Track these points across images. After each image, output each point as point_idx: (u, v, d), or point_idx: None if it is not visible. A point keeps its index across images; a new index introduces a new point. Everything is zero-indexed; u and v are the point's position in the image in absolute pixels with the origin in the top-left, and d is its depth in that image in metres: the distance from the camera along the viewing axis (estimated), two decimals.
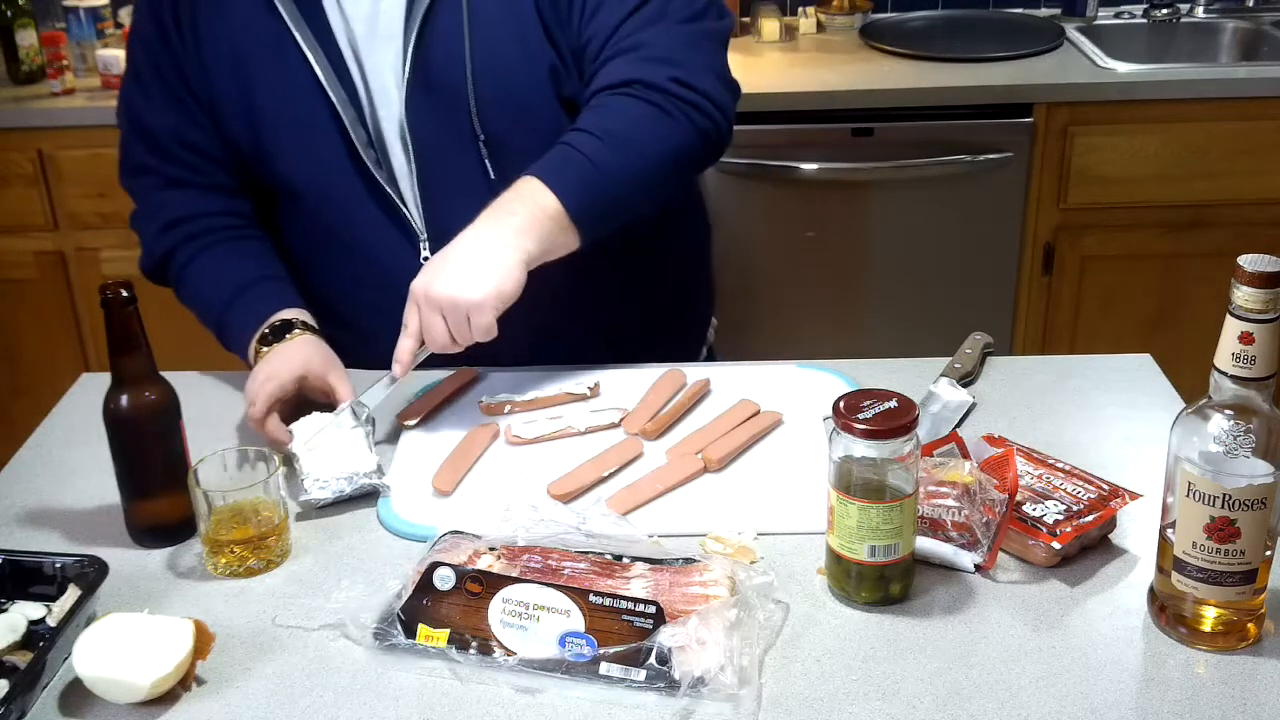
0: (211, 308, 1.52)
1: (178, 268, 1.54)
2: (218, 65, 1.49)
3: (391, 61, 1.48)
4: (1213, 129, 2.61)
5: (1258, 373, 1.01)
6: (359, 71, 1.49)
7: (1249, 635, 1.09)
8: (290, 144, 1.51)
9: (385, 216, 1.52)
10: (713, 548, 1.22)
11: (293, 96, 1.48)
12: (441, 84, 1.47)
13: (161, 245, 1.55)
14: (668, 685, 1.05)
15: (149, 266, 1.58)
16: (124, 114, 1.56)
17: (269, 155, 1.52)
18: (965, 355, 1.54)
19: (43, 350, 2.84)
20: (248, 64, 1.49)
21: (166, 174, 1.54)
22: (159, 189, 1.55)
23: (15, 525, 1.31)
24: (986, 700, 1.04)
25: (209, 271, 1.53)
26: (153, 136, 1.54)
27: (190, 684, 1.08)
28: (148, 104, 1.53)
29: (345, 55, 1.49)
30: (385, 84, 1.49)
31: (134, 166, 1.57)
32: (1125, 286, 2.74)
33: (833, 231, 2.68)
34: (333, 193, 1.53)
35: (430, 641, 1.10)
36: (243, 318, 1.49)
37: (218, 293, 1.52)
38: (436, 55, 1.46)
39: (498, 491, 1.32)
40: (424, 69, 1.46)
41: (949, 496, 1.20)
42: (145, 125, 1.54)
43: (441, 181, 1.51)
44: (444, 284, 1.32)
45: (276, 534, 1.23)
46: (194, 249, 1.53)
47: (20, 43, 2.80)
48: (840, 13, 3.05)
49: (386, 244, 1.53)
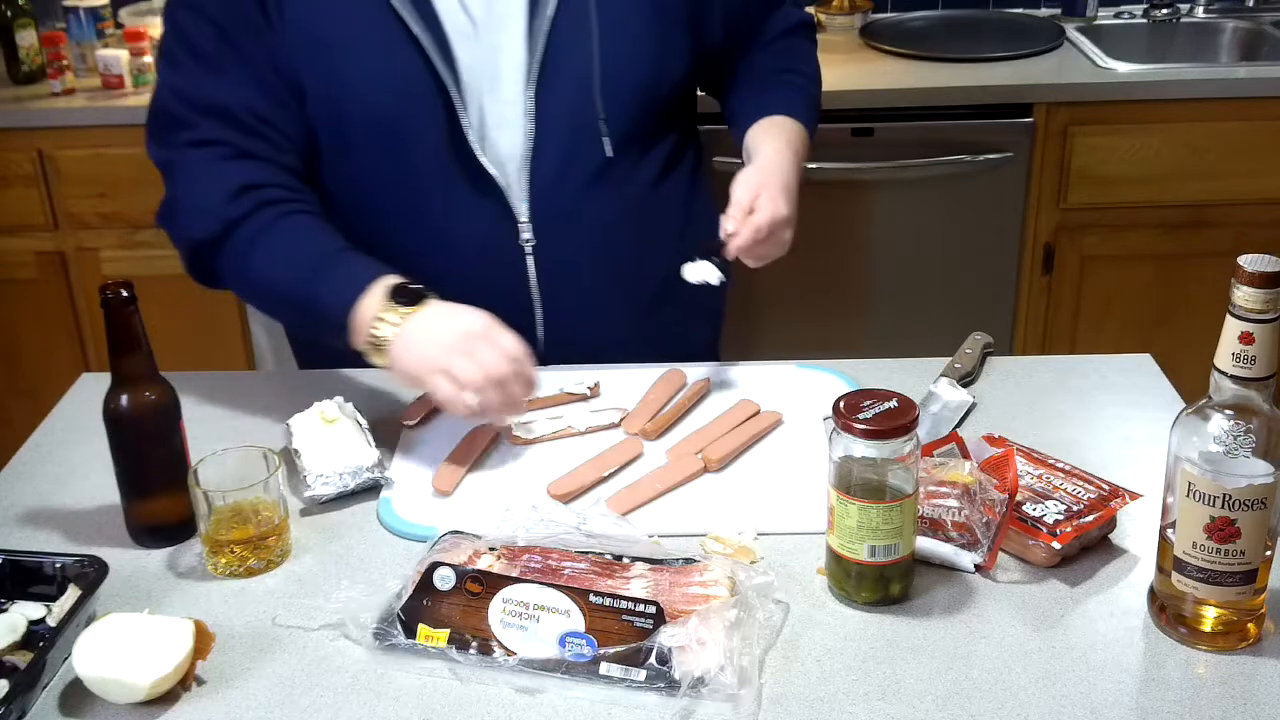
0: (299, 270, 1.41)
1: (252, 232, 1.43)
2: (305, 49, 1.45)
3: (511, 42, 1.48)
4: (1213, 129, 2.61)
5: (1258, 373, 1.01)
6: (473, 53, 1.48)
7: (1249, 635, 1.09)
8: (378, 132, 1.48)
9: (482, 201, 1.51)
10: (713, 548, 1.22)
11: (389, 81, 1.46)
12: (568, 61, 1.48)
13: (235, 209, 1.43)
14: (668, 685, 1.05)
15: (207, 233, 1.44)
16: (182, 93, 1.47)
17: (351, 146, 1.49)
18: (965, 355, 1.54)
19: (43, 350, 2.84)
20: (341, 48, 1.45)
21: (239, 145, 1.45)
22: (226, 159, 1.45)
23: (15, 525, 1.31)
24: (986, 700, 1.04)
25: (292, 236, 1.44)
26: (227, 112, 1.45)
27: (190, 684, 1.08)
28: (221, 81, 1.45)
29: (451, 39, 1.46)
30: (500, 66, 1.48)
31: (191, 141, 1.46)
32: (1125, 286, 2.73)
33: (833, 231, 2.68)
34: (419, 182, 1.50)
35: (430, 641, 1.10)
36: (345, 277, 1.38)
37: (307, 254, 1.42)
38: (563, 34, 1.47)
39: (498, 491, 1.32)
40: (551, 48, 1.47)
41: (949, 496, 1.20)
42: (218, 102, 1.45)
43: (555, 162, 1.51)
44: (788, 201, 1.49)
45: (276, 534, 1.23)
46: (273, 214, 1.43)
47: (20, 43, 2.80)
48: (840, 13, 3.05)
49: (482, 230, 1.52)
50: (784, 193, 1.49)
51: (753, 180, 1.48)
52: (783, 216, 1.47)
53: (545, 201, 1.52)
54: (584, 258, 1.56)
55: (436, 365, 1.30)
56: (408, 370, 1.34)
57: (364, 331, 1.35)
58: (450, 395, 1.29)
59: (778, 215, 1.46)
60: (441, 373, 1.30)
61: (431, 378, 1.31)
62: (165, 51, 1.49)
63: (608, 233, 1.56)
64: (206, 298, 2.72)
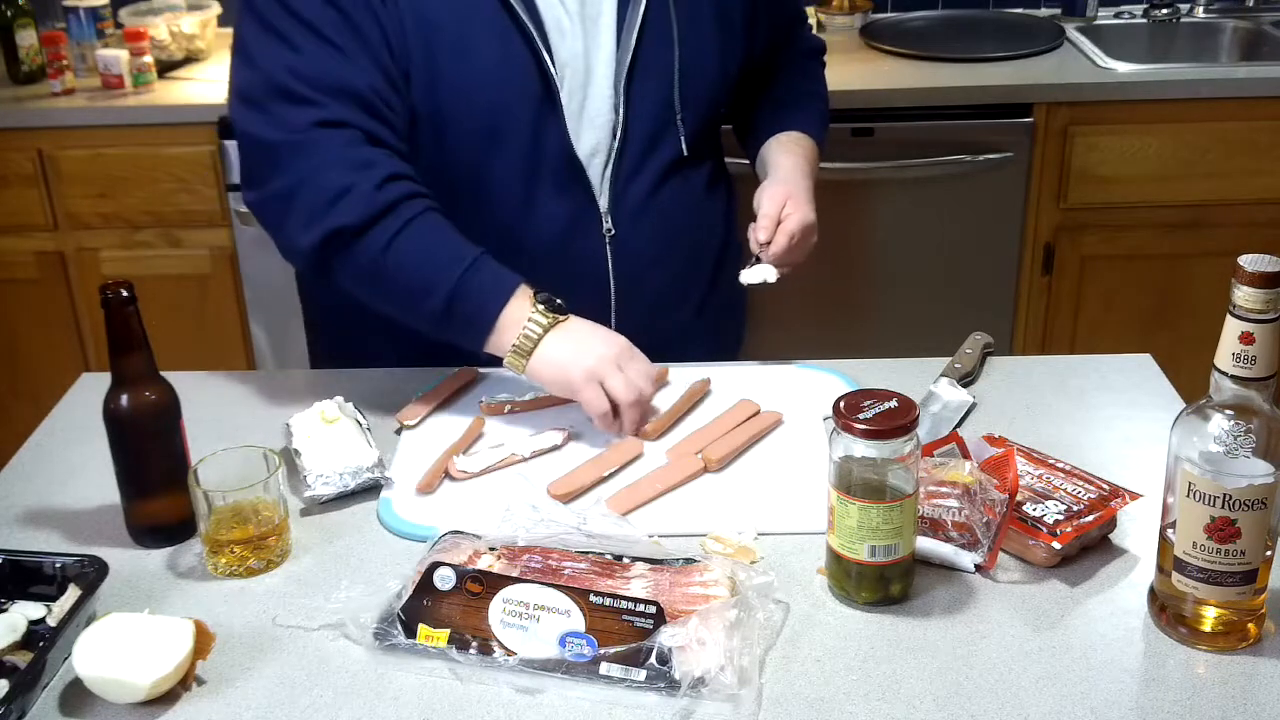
0: (445, 268, 1.41)
1: (396, 224, 1.41)
2: (417, 31, 1.45)
3: (603, 38, 1.52)
4: (1213, 129, 2.61)
5: (1258, 373, 1.01)
6: (570, 47, 1.51)
7: (1249, 635, 1.09)
8: (477, 118, 1.48)
9: (569, 191, 1.54)
10: (713, 548, 1.22)
11: (496, 68, 1.47)
12: (653, 59, 1.54)
13: (385, 197, 1.41)
14: (668, 685, 1.05)
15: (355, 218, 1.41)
16: (301, 72, 1.43)
17: (448, 131, 1.49)
18: (965, 355, 1.54)
19: (43, 350, 2.83)
20: (452, 32, 1.46)
21: (367, 129, 1.44)
22: (360, 144, 1.44)
23: (15, 525, 1.31)
24: (986, 700, 1.04)
25: (436, 233, 1.44)
26: (357, 93, 1.44)
27: (190, 684, 1.08)
28: (346, 63, 1.44)
29: (549, 31, 1.49)
30: (593, 61, 1.52)
31: (319, 121, 1.43)
32: (1125, 286, 2.73)
33: (832, 231, 2.66)
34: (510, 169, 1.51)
35: (430, 641, 1.10)
36: (493, 280, 1.41)
37: (452, 253, 1.42)
38: (651, 32, 1.53)
39: (498, 492, 1.32)
40: (640, 45, 1.52)
41: (949, 496, 1.20)
42: (347, 83, 1.43)
43: (636, 156, 1.56)
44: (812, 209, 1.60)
45: (276, 534, 1.23)
46: (414, 208, 1.43)
47: (20, 43, 2.80)
48: (840, 13, 3.05)
49: (567, 219, 1.55)
50: (809, 201, 1.61)
51: (778, 192, 1.59)
52: (810, 222, 1.59)
53: (624, 194, 1.57)
54: (656, 252, 1.61)
55: (594, 375, 1.38)
56: (561, 377, 1.39)
57: (510, 334, 1.39)
58: (601, 406, 1.38)
59: (806, 221, 1.58)
60: (597, 383, 1.38)
61: (587, 386, 1.38)
62: (270, 29, 1.45)
63: (676, 229, 1.62)
64: (206, 298, 2.75)
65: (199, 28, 2.89)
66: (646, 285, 1.61)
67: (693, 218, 1.65)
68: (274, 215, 1.45)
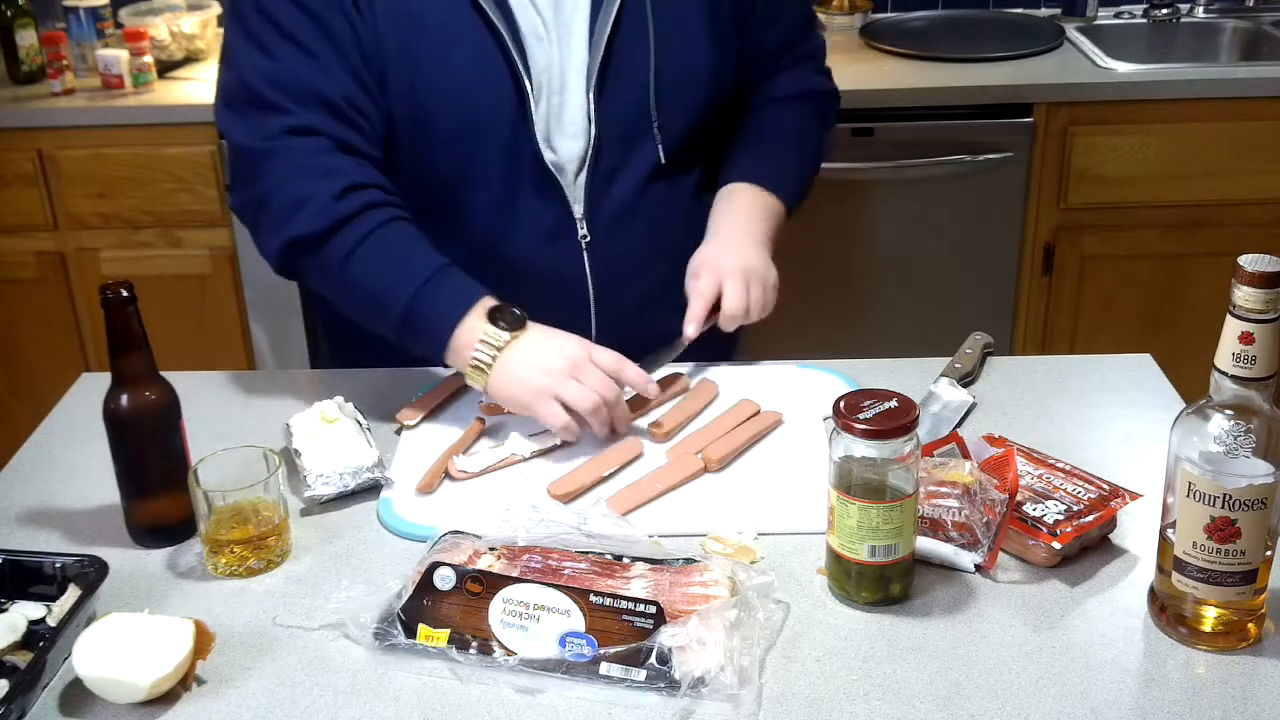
0: (402, 282, 1.41)
1: (357, 234, 1.41)
2: (392, 36, 1.45)
3: (575, 45, 1.50)
4: (1213, 129, 2.61)
5: (1258, 373, 1.01)
6: (544, 53, 1.50)
7: (1249, 635, 1.09)
8: (452, 124, 1.48)
9: (544, 198, 1.52)
10: (713, 548, 1.22)
11: (471, 74, 1.46)
12: (627, 68, 1.51)
13: (344, 208, 1.41)
14: (668, 685, 1.05)
15: (313, 227, 1.41)
16: (274, 78, 1.44)
17: (423, 137, 1.49)
18: (965, 355, 1.54)
19: (43, 350, 2.84)
20: (427, 37, 1.45)
21: (337, 135, 1.44)
22: (328, 151, 1.44)
23: (15, 525, 1.31)
24: (986, 700, 1.04)
25: (396, 245, 1.43)
26: (328, 100, 1.44)
27: (190, 684, 1.08)
28: (316, 67, 1.43)
29: (526, 39, 1.48)
30: (566, 69, 1.51)
31: (289, 128, 1.43)
32: (1125, 286, 2.74)
33: (833, 231, 2.68)
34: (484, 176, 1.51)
35: (430, 641, 1.10)
36: (448, 296, 1.40)
37: (411, 267, 1.42)
38: (623, 41, 1.50)
39: (498, 492, 1.32)
40: (610, 54, 1.50)
41: (949, 496, 1.20)
42: (317, 90, 1.43)
43: (611, 164, 1.54)
44: (754, 261, 1.53)
45: (276, 534, 1.23)
46: (376, 218, 1.43)
47: (20, 43, 2.80)
48: (840, 13, 3.05)
49: (543, 225, 1.53)
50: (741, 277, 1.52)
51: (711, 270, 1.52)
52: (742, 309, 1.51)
53: (601, 202, 1.55)
54: (638, 258, 1.59)
55: (545, 392, 1.36)
56: (514, 397, 1.38)
57: (465, 353, 1.38)
58: (563, 421, 1.35)
59: (737, 310, 1.51)
60: (550, 398, 1.35)
61: (543, 404, 1.36)
62: (250, 36, 1.46)
63: (659, 235, 1.59)
64: (206, 298, 2.75)
65: (199, 28, 2.89)
66: (628, 292, 1.58)
67: (679, 224, 1.61)
68: (249, 220, 1.48)
